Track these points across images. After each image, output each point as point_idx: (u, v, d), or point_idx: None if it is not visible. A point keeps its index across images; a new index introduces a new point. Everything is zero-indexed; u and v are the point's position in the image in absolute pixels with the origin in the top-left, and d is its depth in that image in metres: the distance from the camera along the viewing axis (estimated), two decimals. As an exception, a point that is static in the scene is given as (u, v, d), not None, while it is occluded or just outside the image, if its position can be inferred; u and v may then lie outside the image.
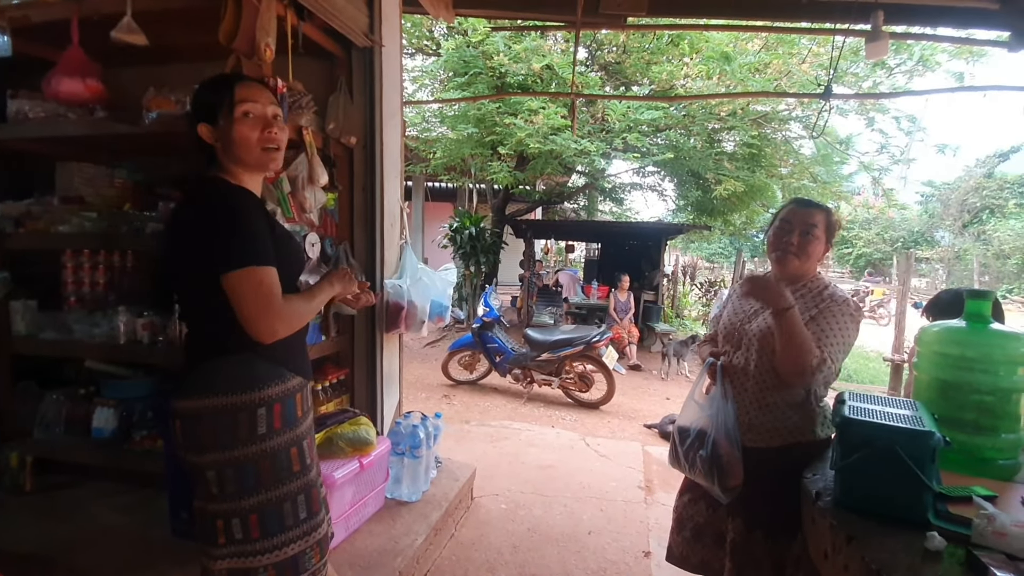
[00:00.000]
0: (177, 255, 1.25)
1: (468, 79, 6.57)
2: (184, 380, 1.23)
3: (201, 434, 1.19)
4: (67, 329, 2.36)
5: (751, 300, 1.75)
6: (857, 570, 1.11)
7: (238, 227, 1.17)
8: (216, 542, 1.20)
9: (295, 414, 1.27)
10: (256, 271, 1.15)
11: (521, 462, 3.49)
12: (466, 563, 2.32)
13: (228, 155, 1.27)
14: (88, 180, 2.59)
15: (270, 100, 1.31)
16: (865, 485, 1.25)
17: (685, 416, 1.81)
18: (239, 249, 1.15)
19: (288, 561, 1.24)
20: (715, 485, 1.67)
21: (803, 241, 1.62)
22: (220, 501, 1.20)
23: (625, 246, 10.62)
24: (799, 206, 1.69)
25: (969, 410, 1.44)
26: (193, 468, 1.21)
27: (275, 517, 1.22)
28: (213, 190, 1.23)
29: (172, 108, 2.19)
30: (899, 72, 6.54)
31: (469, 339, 5.88)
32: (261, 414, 1.20)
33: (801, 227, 1.64)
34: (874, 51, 2.37)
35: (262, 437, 1.20)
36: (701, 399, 1.78)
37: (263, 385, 1.21)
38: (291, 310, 1.22)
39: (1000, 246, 18.71)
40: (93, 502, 2.31)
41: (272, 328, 1.17)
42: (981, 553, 1.03)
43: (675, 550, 1.90)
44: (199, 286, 1.19)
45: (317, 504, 1.31)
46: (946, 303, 2.28)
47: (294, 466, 1.26)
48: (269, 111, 1.29)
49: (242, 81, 1.30)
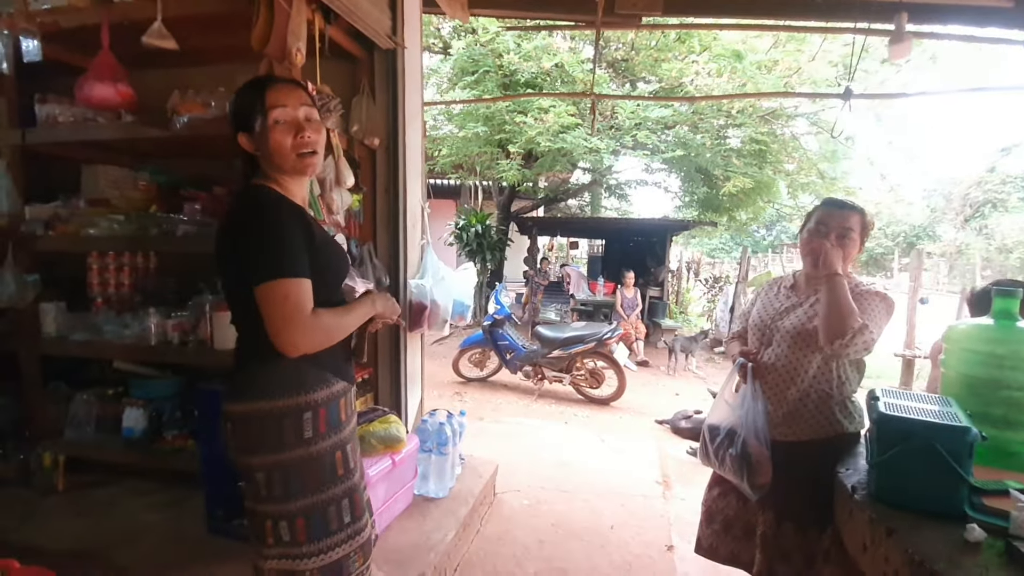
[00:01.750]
0: (221, 263, 1.27)
1: (477, 77, 6.60)
2: (233, 383, 1.26)
3: (250, 437, 1.22)
4: (97, 330, 2.40)
5: (781, 298, 1.79)
6: (898, 561, 1.14)
7: (268, 238, 1.16)
8: (266, 542, 1.23)
9: (339, 418, 1.29)
10: (282, 284, 1.14)
11: (539, 458, 3.53)
12: (494, 557, 2.36)
13: (267, 162, 1.27)
14: (113, 183, 2.62)
15: (301, 101, 1.27)
16: (902, 479, 1.29)
17: (715, 415, 1.84)
18: (267, 261, 1.15)
19: (333, 565, 1.26)
20: (744, 482, 1.71)
21: (839, 245, 1.63)
22: (268, 503, 1.22)
23: (629, 243, 10.65)
24: (834, 208, 1.69)
25: (998, 405, 1.47)
26: (243, 469, 1.24)
27: (320, 521, 1.24)
28: (252, 199, 1.24)
29: (202, 112, 2.22)
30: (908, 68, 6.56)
31: (480, 336, 5.92)
32: (307, 418, 1.22)
33: (838, 231, 1.64)
34: (898, 52, 2.39)
35: (308, 441, 1.22)
36: (731, 398, 1.81)
37: (309, 390, 1.23)
38: (318, 325, 1.19)
39: (1003, 240, 18.72)
40: (127, 500, 2.35)
41: (293, 342, 1.16)
42: (1020, 544, 1.07)
43: (704, 542, 1.94)
44: (242, 293, 1.20)
45: (360, 508, 1.33)
46: (987, 296, 2.27)
47: (338, 470, 1.28)
48: (301, 113, 1.26)
49: (272, 85, 1.27)
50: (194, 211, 2.45)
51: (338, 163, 2.35)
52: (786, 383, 1.69)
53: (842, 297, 1.52)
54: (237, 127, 1.28)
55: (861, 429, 1.68)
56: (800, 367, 1.66)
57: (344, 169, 2.33)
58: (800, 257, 1.78)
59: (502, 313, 5.70)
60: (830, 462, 1.57)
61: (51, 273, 2.51)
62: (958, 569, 1.03)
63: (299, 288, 1.16)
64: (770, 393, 1.72)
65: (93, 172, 2.56)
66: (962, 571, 1.03)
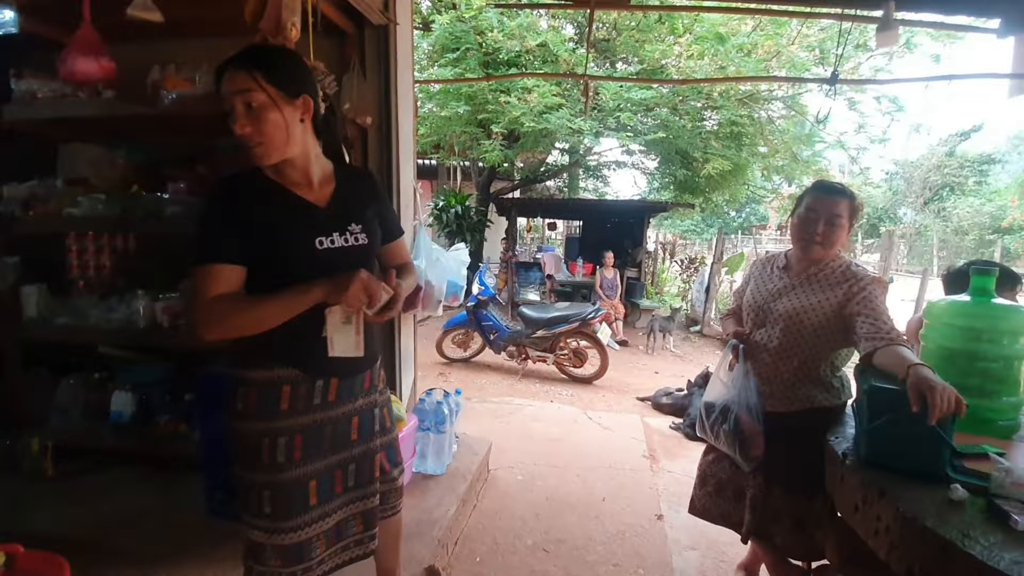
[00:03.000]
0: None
1: (459, 55, 6.48)
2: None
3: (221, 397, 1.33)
4: (82, 314, 2.33)
5: (775, 279, 1.85)
6: (889, 519, 1.24)
7: (200, 226, 1.21)
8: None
9: (276, 407, 1.26)
10: (194, 270, 1.18)
11: (529, 436, 3.61)
12: (493, 531, 2.43)
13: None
14: (91, 161, 2.53)
15: (238, 87, 1.16)
16: (891, 444, 1.38)
17: (711, 393, 1.92)
18: (192, 248, 1.19)
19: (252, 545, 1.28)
20: (737, 454, 1.80)
21: (828, 231, 1.69)
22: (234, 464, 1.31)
23: (607, 224, 10.74)
24: (824, 193, 1.72)
25: (975, 376, 1.57)
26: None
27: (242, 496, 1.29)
28: (220, 181, 1.28)
29: (189, 88, 2.15)
30: (880, 54, 6.73)
31: (463, 317, 5.94)
32: (240, 392, 1.27)
33: (827, 216, 1.69)
34: (884, 40, 2.46)
35: (236, 414, 1.28)
36: (725, 377, 1.88)
37: (244, 366, 1.28)
38: (217, 312, 1.16)
39: (959, 222, 19.53)
40: (119, 486, 2.31)
41: (196, 327, 1.18)
42: (1001, 502, 1.16)
43: (697, 503, 2.04)
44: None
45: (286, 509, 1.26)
46: (962, 275, 2.38)
47: (263, 458, 1.25)
48: (237, 101, 1.16)
49: (224, 70, 1.18)
50: (179, 191, 2.39)
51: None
52: (778, 362, 1.76)
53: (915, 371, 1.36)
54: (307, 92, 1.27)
55: (848, 400, 1.77)
56: (793, 347, 1.73)
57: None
58: (790, 240, 1.84)
59: (486, 294, 5.73)
60: (819, 432, 1.65)
61: (29, 256, 2.42)
62: (945, 524, 1.12)
63: (203, 274, 1.17)
64: (763, 370, 1.80)
65: (71, 151, 2.47)
66: (948, 526, 1.12)
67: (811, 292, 1.73)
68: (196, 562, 1.82)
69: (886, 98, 7.22)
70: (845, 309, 1.65)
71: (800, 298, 1.74)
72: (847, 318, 1.64)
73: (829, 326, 1.68)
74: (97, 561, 1.78)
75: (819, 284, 1.73)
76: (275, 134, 1.20)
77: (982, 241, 18.32)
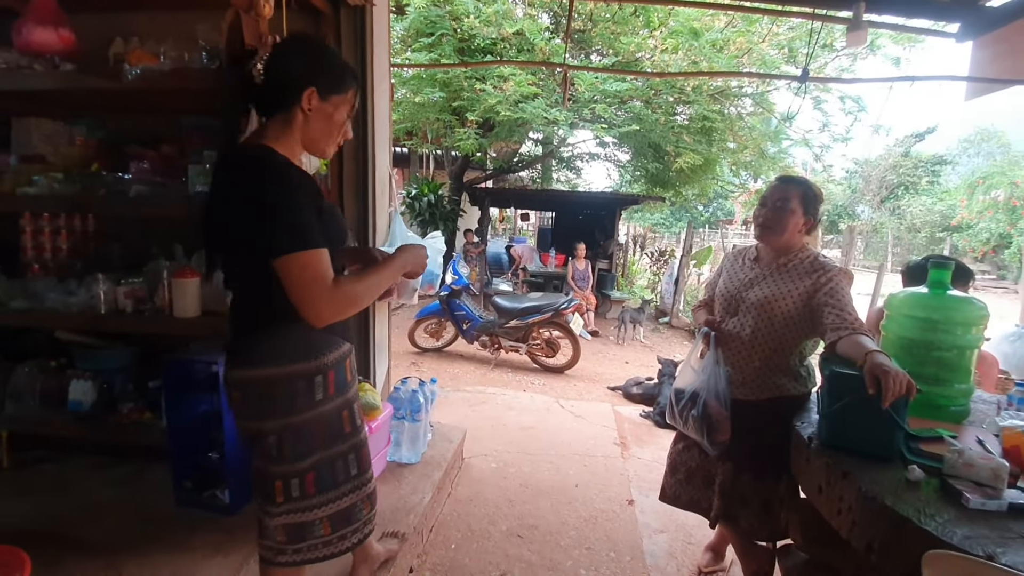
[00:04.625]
0: (225, 223, 1.20)
1: (433, 40, 6.37)
2: (239, 350, 1.24)
3: (261, 402, 1.21)
4: (39, 298, 2.22)
5: (746, 269, 1.91)
6: (851, 499, 1.30)
7: (289, 209, 1.13)
8: (275, 501, 1.25)
9: (346, 379, 1.32)
10: (303, 256, 1.11)
11: (503, 424, 3.63)
12: (468, 517, 2.44)
13: (304, 129, 1.23)
14: (47, 137, 2.41)
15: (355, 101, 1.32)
16: (848, 427, 1.45)
17: (681, 379, 1.97)
18: (287, 232, 1.11)
19: (342, 512, 1.33)
20: (705, 440, 1.85)
21: (774, 215, 1.78)
22: (279, 464, 1.24)
23: (579, 215, 10.81)
24: (777, 183, 1.85)
25: (930, 365, 1.66)
26: (252, 434, 1.24)
27: (328, 475, 1.29)
28: (264, 162, 1.16)
29: (155, 63, 2.05)
30: (844, 54, 6.94)
31: (436, 307, 5.90)
32: (318, 381, 1.24)
33: (772, 202, 1.79)
34: (854, 40, 2.55)
35: (319, 403, 1.25)
36: (696, 364, 1.93)
37: (320, 354, 1.24)
38: (342, 294, 1.16)
39: (912, 220, 20.43)
40: (81, 476, 2.24)
41: (318, 313, 1.13)
42: (954, 481, 1.24)
43: (668, 490, 2.10)
44: (251, 257, 1.18)
45: (367, 461, 1.39)
46: (920, 269, 2.49)
47: (345, 427, 1.32)
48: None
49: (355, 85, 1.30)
50: (142, 170, 2.29)
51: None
52: (750, 350, 1.82)
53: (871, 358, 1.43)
54: (315, 82, 1.20)
55: (814, 388, 1.85)
56: (764, 336, 1.80)
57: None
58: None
59: (460, 283, 5.70)
60: (786, 419, 1.73)
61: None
62: (902, 502, 1.19)
63: (319, 259, 1.13)
64: (734, 359, 1.86)
65: (25, 126, 2.33)
66: (906, 504, 1.18)
67: (781, 281, 1.79)
68: (166, 552, 1.77)
69: (850, 98, 7.47)
70: (813, 299, 1.71)
71: (770, 287, 1.80)
72: (815, 308, 1.71)
73: (798, 315, 1.74)
74: (60, 554, 1.72)
75: (788, 274, 1.79)
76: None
77: (933, 238, 19.22)
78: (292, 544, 1.28)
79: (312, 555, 1.31)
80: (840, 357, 1.58)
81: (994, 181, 16.92)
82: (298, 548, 1.29)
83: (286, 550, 1.29)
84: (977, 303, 1.65)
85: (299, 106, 1.20)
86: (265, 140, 1.20)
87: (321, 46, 1.31)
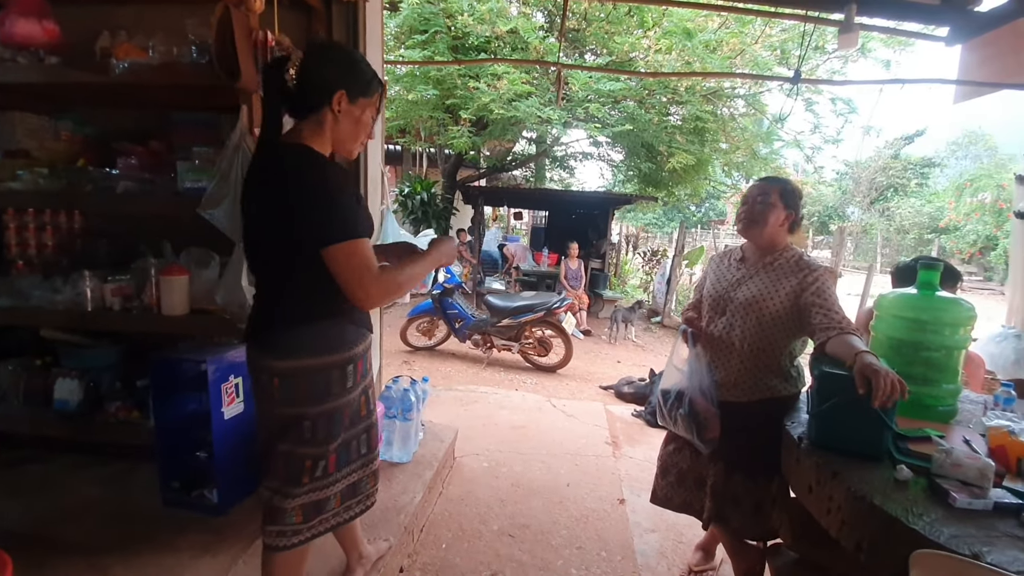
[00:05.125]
0: (267, 221, 1.27)
1: (427, 38, 6.34)
2: (279, 342, 1.30)
3: (300, 389, 1.30)
4: (23, 295, 2.19)
5: (732, 270, 1.91)
6: (841, 499, 1.31)
7: (335, 202, 1.22)
8: (300, 482, 1.34)
9: (367, 367, 1.44)
10: (352, 244, 1.21)
11: (494, 423, 3.63)
12: (459, 517, 2.44)
13: (333, 129, 1.31)
14: (31, 132, 2.38)
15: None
16: (838, 427, 1.46)
17: (667, 380, 1.97)
18: (336, 223, 1.21)
19: (351, 487, 1.46)
20: (695, 438, 1.86)
21: (754, 211, 1.80)
22: (311, 446, 1.33)
23: (572, 215, 10.82)
24: (757, 182, 1.89)
25: (918, 365, 1.68)
26: (287, 419, 1.32)
27: (346, 454, 1.42)
28: (307, 159, 1.25)
29: (144, 57, 2.02)
30: (835, 57, 6.99)
31: (428, 305, 5.89)
32: (349, 371, 1.35)
33: (751, 198, 1.83)
34: (846, 42, 2.57)
35: (349, 390, 1.36)
36: (680, 364, 1.93)
37: (352, 346, 1.35)
38: (387, 279, 1.26)
39: (901, 222, 20.67)
40: (66, 476, 2.20)
41: (367, 298, 1.24)
42: (941, 481, 1.25)
43: (659, 493, 2.10)
44: (294, 254, 1.25)
45: (375, 440, 1.53)
46: (910, 270, 2.51)
47: (362, 411, 1.45)
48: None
49: (381, 88, 1.41)
50: (130, 166, 2.26)
51: (297, 121, 2.24)
52: (742, 352, 1.83)
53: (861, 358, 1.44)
54: (346, 86, 1.29)
55: (803, 388, 1.86)
56: (754, 336, 1.80)
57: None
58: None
59: (452, 282, 5.69)
60: (777, 419, 1.73)
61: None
62: (891, 501, 1.20)
63: (366, 247, 1.24)
64: (724, 360, 1.86)
65: (9, 120, 2.30)
66: (893, 502, 1.19)
67: (768, 280, 1.80)
68: (153, 553, 1.75)
69: (841, 100, 7.53)
70: (800, 299, 1.72)
71: (758, 286, 1.81)
72: (802, 308, 1.72)
73: (786, 314, 1.75)
74: (44, 555, 1.69)
75: (775, 273, 1.81)
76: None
77: (921, 240, 19.45)
78: (307, 523, 1.38)
79: (321, 528, 1.42)
80: (829, 357, 1.59)
81: (981, 184, 17.16)
82: (311, 525, 1.39)
83: (301, 530, 1.37)
84: (965, 304, 1.66)
85: (329, 108, 1.29)
86: (302, 139, 1.28)
87: (349, 52, 1.40)
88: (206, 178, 2.01)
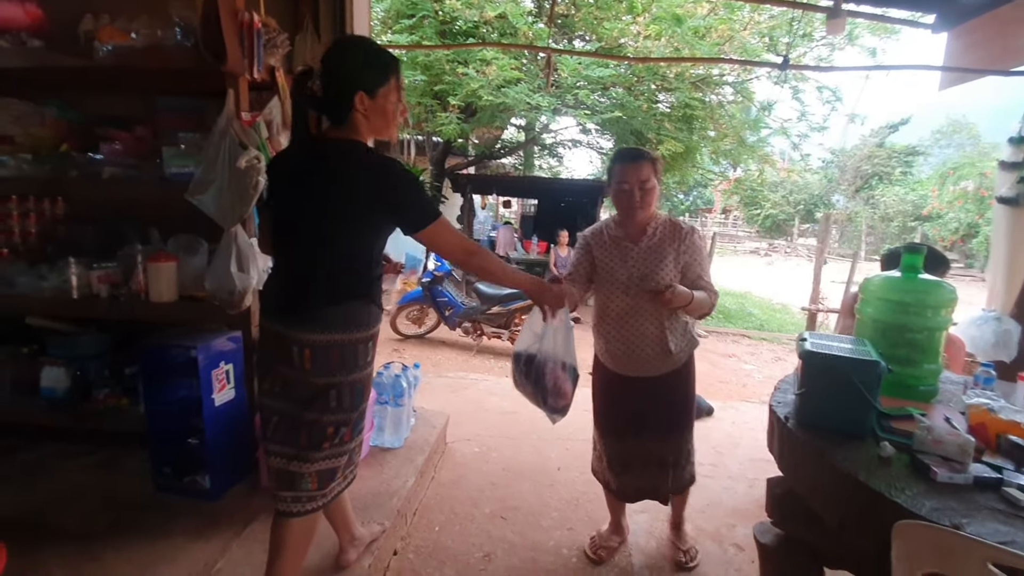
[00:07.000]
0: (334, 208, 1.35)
1: (415, 22, 6.25)
2: (316, 317, 1.38)
3: (332, 360, 1.39)
4: (8, 283, 2.16)
5: (620, 249, 1.91)
6: (826, 476, 1.34)
7: (416, 188, 1.39)
8: (321, 448, 1.42)
9: (375, 346, 1.53)
10: (440, 222, 1.41)
11: (485, 409, 3.65)
12: (451, 501, 2.46)
13: (369, 124, 1.41)
14: (15, 118, 2.33)
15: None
16: (823, 407, 1.49)
17: (521, 342, 1.84)
18: (424, 208, 1.39)
19: (348, 459, 1.55)
20: (545, 405, 1.77)
21: (644, 195, 1.84)
22: (336, 413, 1.42)
23: (562, 203, 10.80)
24: (628, 162, 1.86)
25: (902, 346, 1.72)
26: (319, 388, 1.40)
27: (360, 424, 1.53)
28: (378, 154, 1.38)
29: (127, 41, 1.98)
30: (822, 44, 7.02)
31: (418, 293, 5.88)
32: (369, 346, 1.47)
33: (639, 183, 1.83)
34: (833, 27, 2.59)
35: (369, 363, 1.48)
36: (539, 328, 1.79)
37: (373, 325, 1.47)
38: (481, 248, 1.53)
39: (885, 210, 20.93)
40: (57, 464, 2.19)
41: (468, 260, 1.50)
42: (923, 456, 1.29)
43: (618, 490, 2.14)
44: (352, 237, 1.38)
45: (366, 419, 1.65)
46: (899, 256, 2.56)
47: (368, 386, 1.53)
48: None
49: (399, 63, 1.47)
50: (114, 152, 2.23)
51: (284, 104, 2.21)
52: (631, 325, 1.88)
53: (699, 303, 1.80)
54: (361, 87, 1.36)
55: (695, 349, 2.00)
56: (642, 310, 1.86)
57: (290, 111, 2.20)
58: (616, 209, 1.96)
59: (442, 270, 5.69)
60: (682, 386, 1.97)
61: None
62: (875, 477, 1.23)
63: (449, 224, 1.45)
64: (615, 334, 1.92)
65: (-8, 105, 2.24)
66: (877, 478, 1.23)
67: (656, 253, 1.86)
68: (145, 539, 1.75)
69: (827, 88, 7.58)
70: (679, 260, 1.85)
71: (649, 262, 1.85)
72: (683, 269, 1.85)
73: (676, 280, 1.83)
74: (36, 543, 1.69)
75: (659, 243, 1.87)
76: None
77: (905, 228, 19.72)
78: (321, 489, 1.46)
79: (330, 496, 1.51)
80: (816, 336, 1.65)
81: (964, 172, 17.38)
82: (324, 492, 1.47)
83: (315, 496, 1.45)
84: (947, 286, 1.70)
85: (356, 109, 1.37)
86: (352, 136, 1.39)
87: (355, 49, 1.45)
88: (192, 164, 1.99)
